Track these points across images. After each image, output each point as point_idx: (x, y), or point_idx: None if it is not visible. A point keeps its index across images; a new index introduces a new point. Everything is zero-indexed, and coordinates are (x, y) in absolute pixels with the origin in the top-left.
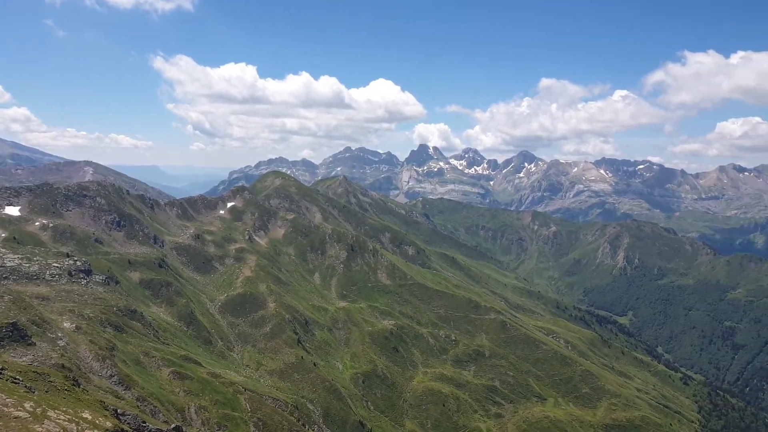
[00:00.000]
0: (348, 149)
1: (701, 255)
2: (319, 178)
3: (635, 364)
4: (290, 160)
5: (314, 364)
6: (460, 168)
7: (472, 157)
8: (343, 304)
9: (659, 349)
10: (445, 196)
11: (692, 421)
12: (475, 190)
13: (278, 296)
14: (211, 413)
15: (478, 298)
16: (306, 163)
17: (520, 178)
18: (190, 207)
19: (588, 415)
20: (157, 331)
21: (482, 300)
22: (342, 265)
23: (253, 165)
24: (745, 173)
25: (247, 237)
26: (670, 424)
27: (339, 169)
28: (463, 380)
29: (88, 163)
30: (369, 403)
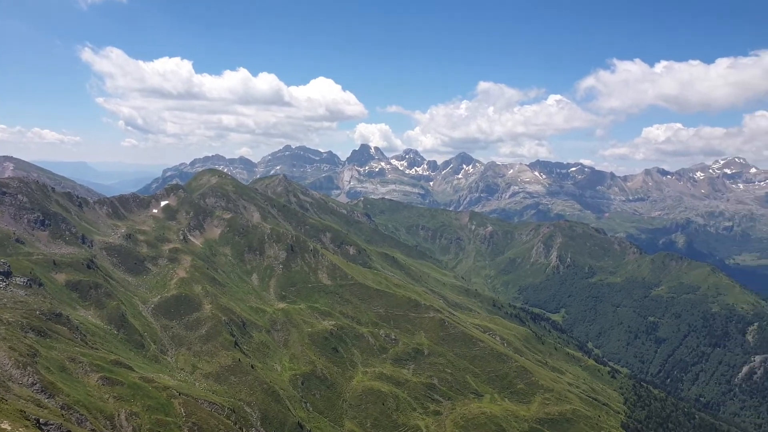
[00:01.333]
0: (288, 147)
1: (628, 254)
2: (258, 176)
3: (567, 359)
4: (227, 157)
5: (252, 367)
6: (401, 168)
7: (413, 157)
8: (282, 305)
9: (589, 345)
10: (386, 196)
11: (619, 413)
12: (415, 190)
13: (214, 298)
14: (143, 419)
15: (418, 296)
16: (244, 161)
17: (458, 179)
18: (122, 205)
19: (522, 410)
20: (84, 335)
21: (422, 299)
22: (281, 266)
23: (188, 162)
24: (668, 176)
25: (181, 237)
26: (599, 416)
27: (278, 167)
28: (402, 379)
29: (7, 158)
30: (308, 404)
